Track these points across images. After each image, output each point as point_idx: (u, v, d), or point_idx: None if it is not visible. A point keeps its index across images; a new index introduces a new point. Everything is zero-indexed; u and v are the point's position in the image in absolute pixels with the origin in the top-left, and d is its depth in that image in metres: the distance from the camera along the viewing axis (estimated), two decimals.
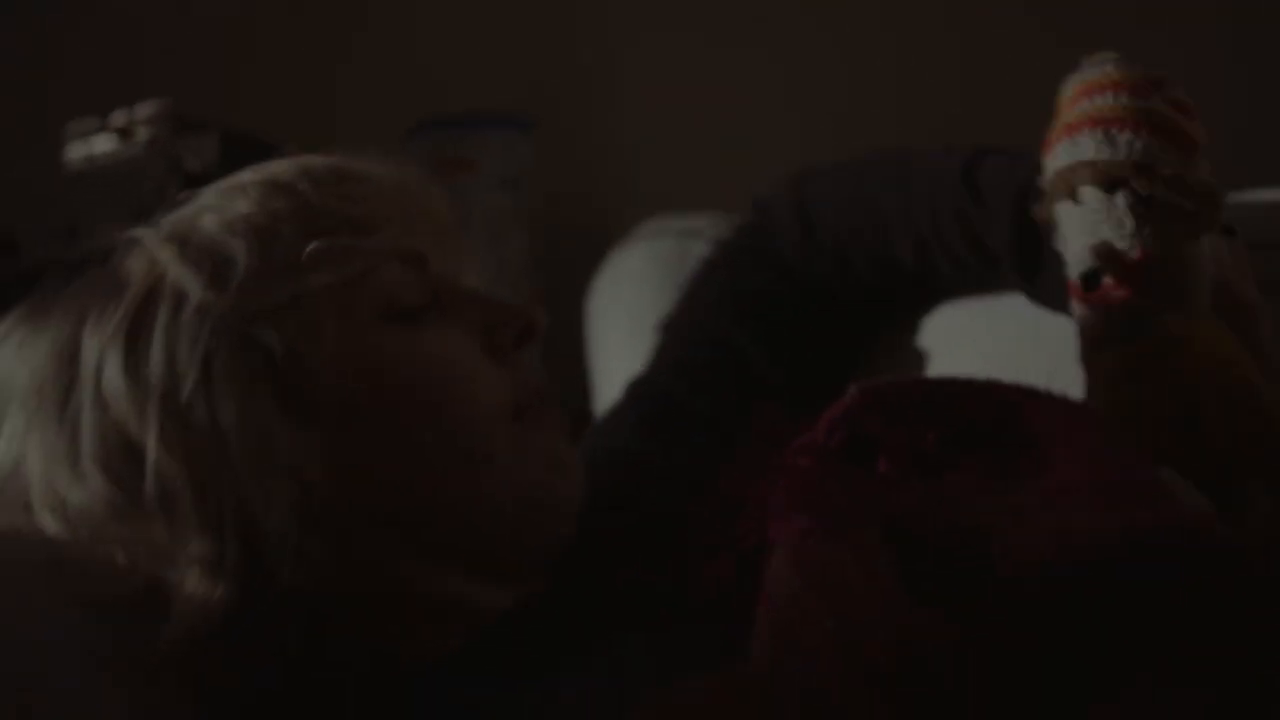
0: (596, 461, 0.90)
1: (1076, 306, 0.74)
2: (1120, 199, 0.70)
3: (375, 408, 0.70)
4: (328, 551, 0.68)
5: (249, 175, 0.75)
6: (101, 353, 0.70)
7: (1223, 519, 0.61)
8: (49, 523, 0.70)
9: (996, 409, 0.63)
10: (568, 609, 0.74)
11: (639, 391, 0.98)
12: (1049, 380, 0.82)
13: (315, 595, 0.69)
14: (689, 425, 0.93)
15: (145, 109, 1.34)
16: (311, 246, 0.70)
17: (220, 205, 0.73)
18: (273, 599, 0.68)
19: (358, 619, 0.71)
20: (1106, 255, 0.71)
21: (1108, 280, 0.71)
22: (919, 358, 0.99)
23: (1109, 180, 0.71)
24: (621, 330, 1.25)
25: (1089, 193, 0.71)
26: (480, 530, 0.72)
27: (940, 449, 0.62)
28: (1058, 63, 0.78)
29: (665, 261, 1.23)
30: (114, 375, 0.69)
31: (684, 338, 1.00)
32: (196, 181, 1.26)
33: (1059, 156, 0.73)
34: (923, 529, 0.56)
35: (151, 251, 0.72)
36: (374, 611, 0.71)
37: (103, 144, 1.35)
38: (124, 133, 1.34)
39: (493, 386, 0.73)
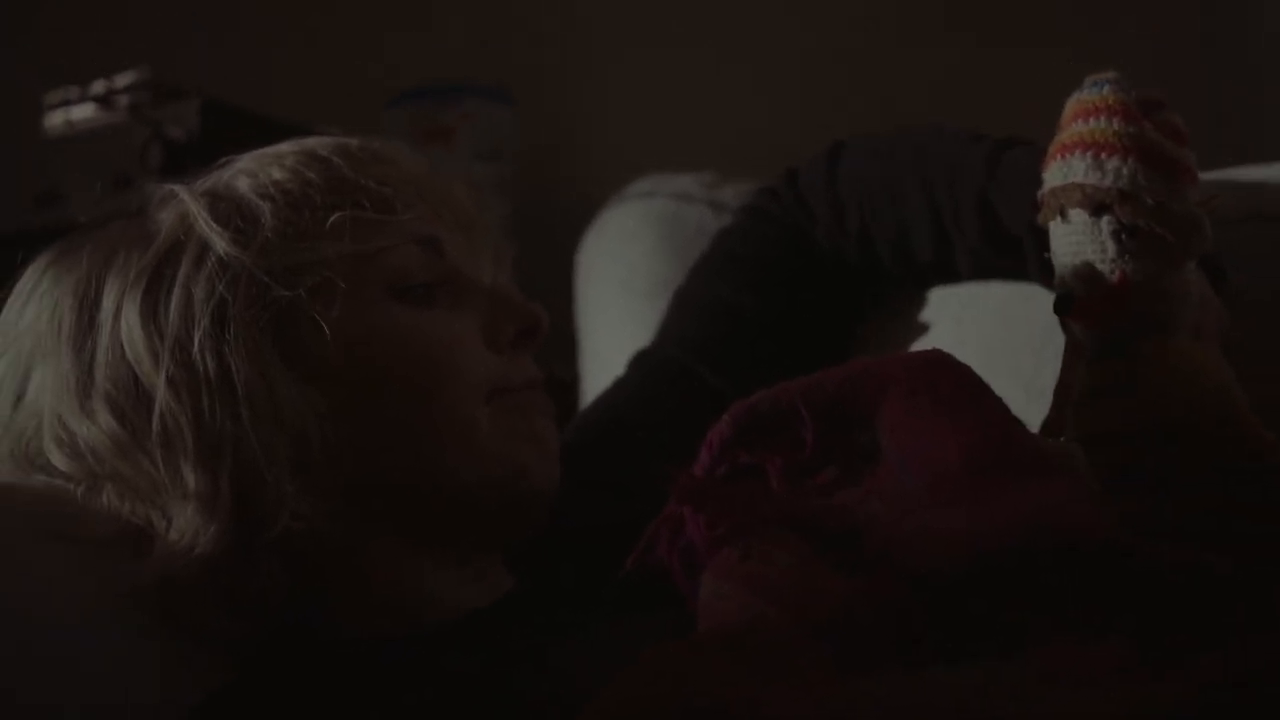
0: (594, 433, 0.93)
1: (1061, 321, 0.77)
2: (1104, 224, 0.72)
3: (372, 374, 0.73)
4: (316, 510, 0.70)
5: (288, 146, 0.78)
6: (122, 296, 0.72)
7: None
8: (54, 456, 0.73)
9: (853, 402, 0.67)
10: (545, 592, 0.76)
11: (646, 363, 0.98)
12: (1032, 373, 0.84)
13: (297, 553, 0.71)
14: (697, 397, 0.93)
15: (125, 78, 1.35)
16: (335, 216, 0.73)
17: (256, 170, 0.76)
18: (258, 549, 0.70)
19: (329, 585, 0.73)
20: (1086, 277, 0.72)
21: (1086, 300, 0.73)
22: (907, 338, 0.99)
23: (1095, 204, 0.72)
24: (613, 286, 1.24)
25: (1076, 214, 0.73)
26: (455, 506, 0.75)
27: (812, 459, 0.66)
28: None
29: (659, 222, 1.21)
30: (132, 318, 0.71)
31: (699, 308, 1.00)
32: (179, 149, 1.28)
33: (1052, 175, 0.75)
34: (821, 530, 0.60)
35: (184, 205, 0.74)
36: (341, 584, 0.74)
37: (82, 112, 1.36)
38: (104, 101, 1.34)
39: (485, 369, 0.75)
